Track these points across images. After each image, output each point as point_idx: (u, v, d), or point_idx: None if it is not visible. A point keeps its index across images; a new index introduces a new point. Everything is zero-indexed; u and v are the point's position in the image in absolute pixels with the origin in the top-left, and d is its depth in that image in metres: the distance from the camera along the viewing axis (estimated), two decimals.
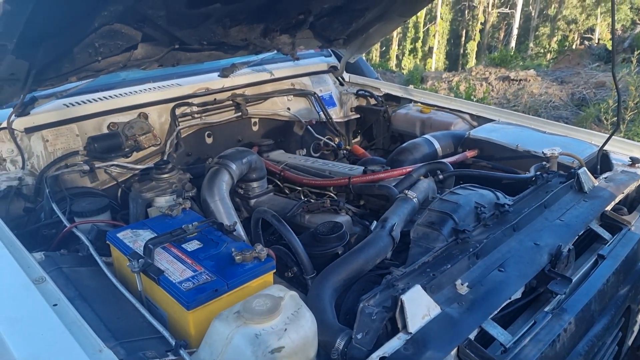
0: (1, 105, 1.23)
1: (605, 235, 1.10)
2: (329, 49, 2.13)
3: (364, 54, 2.19)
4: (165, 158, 1.51)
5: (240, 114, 1.74)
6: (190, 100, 1.62)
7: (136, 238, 0.98)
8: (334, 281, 0.90)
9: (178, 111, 1.59)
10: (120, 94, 1.51)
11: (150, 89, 1.57)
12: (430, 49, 31.61)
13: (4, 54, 0.98)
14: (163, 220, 1.05)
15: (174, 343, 0.75)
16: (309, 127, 1.89)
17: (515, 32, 27.59)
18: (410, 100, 2.00)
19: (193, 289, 0.82)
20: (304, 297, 0.85)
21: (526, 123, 1.68)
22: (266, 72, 1.86)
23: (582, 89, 5.78)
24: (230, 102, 1.72)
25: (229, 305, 0.77)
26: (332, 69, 2.10)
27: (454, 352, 0.75)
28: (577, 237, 1.05)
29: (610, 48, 10.55)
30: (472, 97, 5.83)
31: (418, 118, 1.88)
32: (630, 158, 1.37)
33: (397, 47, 34.49)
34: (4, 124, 1.30)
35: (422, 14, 32.36)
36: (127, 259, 0.91)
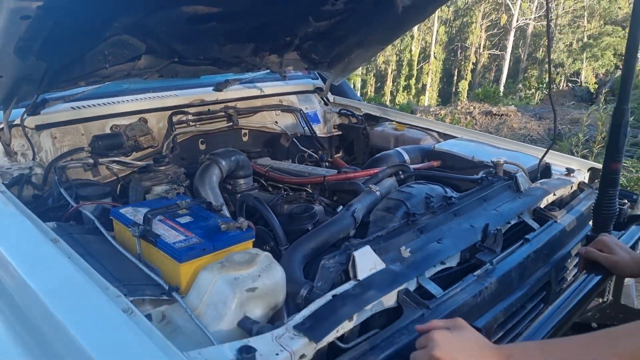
0: (18, 103, 1.40)
1: (535, 225, 1.29)
2: (316, 72, 2.35)
3: (346, 78, 2.43)
4: None
5: (231, 124, 1.93)
6: (186, 110, 1.81)
7: (136, 213, 1.15)
8: (302, 249, 1.07)
9: (175, 118, 1.78)
10: (123, 101, 1.70)
11: (150, 97, 1.76)
12: (424, 86, 32.44)
13: (29, 54, 1.16)
14: (160, 201, 1.22)
15: (167, 287, 0.91)
16: (294, 139, 2.08)
17: (505, 72, 28.47)
18: (387, 119, 2.21)
19: (185, 247, 0.98)
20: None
21: (484, 140, 1.89)
22: (256, 89, 2.06)
23: (558, 124, 6.09)
24: (223, 113, 1.92)
25: None
26: (318, 90, 2.32)
27: (394, 297, 0.91)
28: (508, 223, 1.24)
29: (592, 90, 11.03)
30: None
31: (392, 135, 2.09)
32: (567, 168, 1.58)
33: (391, 84, 35.31)
34: (17, 121, 1.48)
35: (416, 52, 33.42)
36: (128, 230, 1.07)
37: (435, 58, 31.44)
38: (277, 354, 0.74)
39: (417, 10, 1.68)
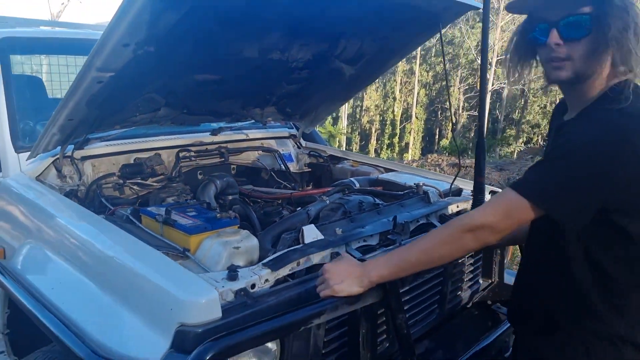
0: (75, 139, 1.95)
1: (437, 224, 1.84)
2: (291, 122, 2.96)
3: (317, 127, 3.04)
4: None
5: (223, 160, 2.49)
6: (189, 148, 2.38)
7: (158, 210, 1.67)
8: (271, 232, 1.59)
9: (181, 154, 2.33)
10: (144, 140, 2.26)
11: (163, 138, 2.33)
12: (407, 145, 33.60)
13: (94, 106, 1.73)
14: (173, 204, 1.76)
15: (182, 249, 1.43)
16: (272, 174, 2.65)
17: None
18: (346, 159, 2.80)
19: (193, 226, 1.50)
20: None
21: (416, 173, 2.48)
22: (243, 134, 2.65)
23: (516, 174, 6.78)
24: (217, 152, 2.48)
25: None
26: (292, 136, 2.92)
27: (328, 256, 1.44)
28: (417, 221, 1.79)
29: None
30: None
31: (349, 170, 2.66)
32: (471, 191, 2.14)
33: (375, 142, 36.47)
34: (69, 154, 2.03)
35: (398, 113, 34.89)
36: (154, 221, 1.59)
37: (417, 118, 32.99)
38: (251, 276, 1.26)
39: (361, 78, 2.32)
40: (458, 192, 2.20)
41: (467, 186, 2.30)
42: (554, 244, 1.11)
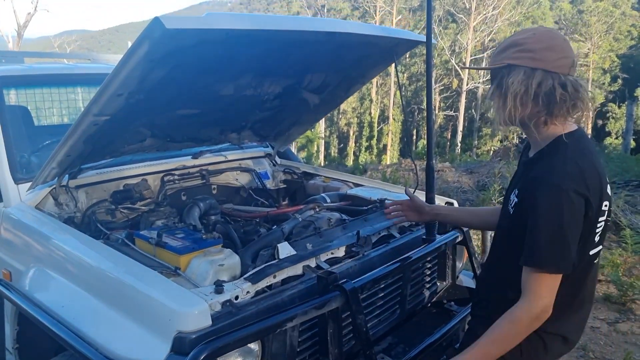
0: (70, 170, 2.16)
1: (397, 235, 2.11)
2: (266, 142, 3.20)
3: (290, 146, 3.30)
4: None
5: (204, 181, 2.72)
6: (173, 172, 2.61)
7: (150, 234, 1.90)
8: (250, 249, 1.84)
9: (166, 178, 2.56)
10: (131, 167, 2.48)
11: (149, 164, 2.55)
12: (385, 146, 34.02)
13: (90, 143, 1.95)
14: (163, 227, 1.99)
15: (173, 267, 1.67)
16: (250, 191, 2.89)
17: (459, 132, 30.42)
18: (318, 175, 3.06)
19: (182, 247, 1.74)
20: None
21: (382, 187, 2.75)
22: (222, 156, 2.89)
23: (484, 177, 7.15)
24: (199, 174, 2.72)
25: None
26: (268, 155, 3.17)
27: (300, 268, 1.70)
28: (379, 233, 2.06)
29: None
30: (397, 183, 7.07)
31: (321, 185, 2.93)
32: (446, 202, 2.41)
33: (354, 144, 36.79)
34: (64, 184, 2.23)
35: (375, 115, 35.31)
36: (147, 244, 1.82)
37: (394, 120, 33.54)
38: (234, 289, 1.51)
39: (327, 104, 2.60)
40: None
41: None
42: (509, 245, 1.38)
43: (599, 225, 1.35)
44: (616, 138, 27.30)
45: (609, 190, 1.39)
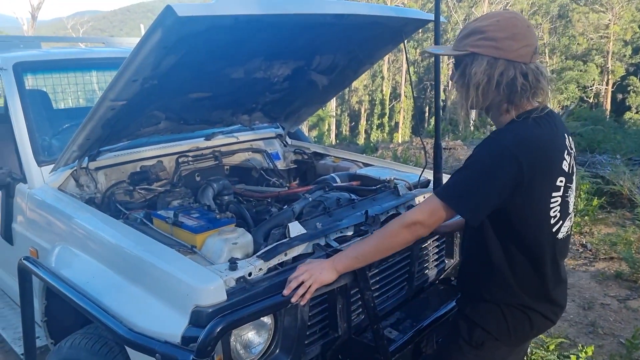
0: (90, 153, 2.24)
1: None
2: (276, 123, 3.25)
3: (300, 126, 3.34)
4: None
5: (217, 162, 2.80)
6: (187, 154, 2.68)
7: (167, 214, 1.98)
8: (262, 228, 1.91)
9: (180, 160, 2.64)
10: (147, 149, 2.56)
11: (164, 146, 2.63)
12: (397, 124, 33.74)
13: (107, 127, 2.02)
14: (179, 207, 2.07)
15: (190, 246, 1.75)
16: (262, 172, 2.96)
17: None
18: (328, 155, 3.11)
19: (198, 226, 1.82)
20: None
21: (390, 166, 2.80)
22: (234, 137, 2.95)
23: None
24: (211, 155, 2.79)
25: None
26: (279, 136, 3.22)
27: (310, 247, 1.76)
28: (387, 212, 2.12)
29: None
30: (408, 162, 7.07)
31: (331, 165, 2.98)
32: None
33: (365, 123, 36.53)
34: (84, 166, 2.32)
35: (387, 92, 34.94)
36: (164, 223, 1.91)
37: (406, 97, 33.19)
38: (248, 266, 1.59)
39: (336, 85, 2.63)
40: (426, 184, 2.52)
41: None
42: (479, 232, 1.44)
43: (553, 200, 1.37)
44: (636, 112, 26.71)
45: (565, 167, 1.39)
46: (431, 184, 2.49)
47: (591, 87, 28.86)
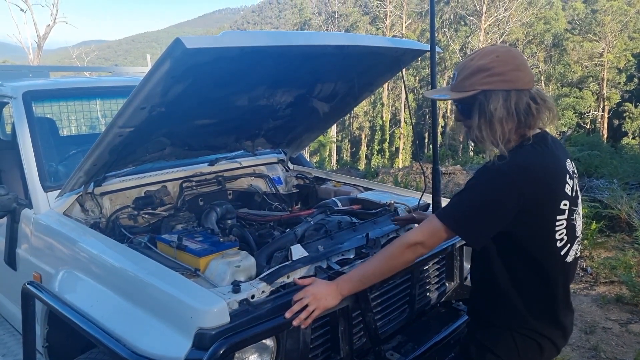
0: (96, 178, 2.29)
1: None
2: (279, 149, 3.32)
3: (302, 151, 3.41)
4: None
5: (221, 187, 2.84)
6: (191, 179, 2.73)
7: (171, 237, 2.02)
8: (265, 251, 1.94)
9: (184, 185, 2.68)
10: (151, 175, 2.61)
11: (168, 171, 2.68)
12: (397, 149, 33.95)
13: (115, 153, 2.08)
14: (183, 231, 2.10)
15: (193, 269, 1.78)
16: (264, 196, 3.00)
17: None
18: (329, 180, 3.16)
19: (201, 249, 1.85)
20: None
21: (390, 190, 2.84)
22: (237, 162, 3.00)
23: None
24: (215, 180, 2.84)
25: None
26: (281, 161, 3.28)
27: (312, 270, 1.79)
28: (387, 235, 2.15)
29: None
30: (409, 186, 7.11)
31: (332, 190, 3.02)
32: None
33: (366, 148, 36.76)
34: (90, 191, 2.36)
35: (387, 118, 35.26)
36: (168, 247, 1.94)
37: (406, 123, 33.52)
38: (250, 289, 1.61)
39: (337, 111, 2.70)
40: (425, 208, 2.56)
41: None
42: (486, 257, 1.46)
43: (558, 223, 1.39)
44: (633, 138, 26.91)
45: (568, 190, 1.40)
46: (430, 208, 2.53)
47: (587, 113, 29.21)
